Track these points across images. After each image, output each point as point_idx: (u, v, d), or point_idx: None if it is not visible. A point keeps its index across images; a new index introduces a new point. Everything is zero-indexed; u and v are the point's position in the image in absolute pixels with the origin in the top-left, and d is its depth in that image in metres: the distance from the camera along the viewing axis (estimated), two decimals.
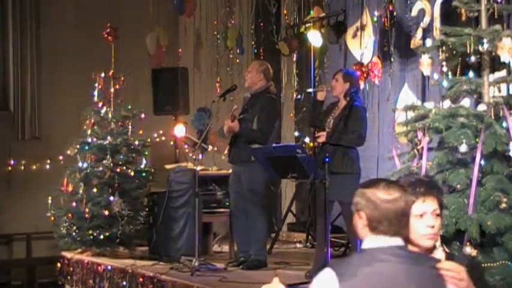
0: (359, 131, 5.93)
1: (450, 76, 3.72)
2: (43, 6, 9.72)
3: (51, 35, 9.68)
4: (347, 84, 6.07)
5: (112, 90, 7.89)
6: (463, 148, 3.40)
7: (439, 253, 2.83)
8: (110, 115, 7.76)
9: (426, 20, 7.01)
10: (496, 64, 3.68)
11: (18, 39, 9.56)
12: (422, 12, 7.10)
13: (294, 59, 9.00)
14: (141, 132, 7.97)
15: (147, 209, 7.57)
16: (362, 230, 2.53)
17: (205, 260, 6.44)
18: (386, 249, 2.47)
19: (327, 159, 5.31)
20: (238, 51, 9.62)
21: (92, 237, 7.31)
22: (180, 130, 7.32)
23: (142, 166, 7.71)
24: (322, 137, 5.94)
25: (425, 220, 2.73)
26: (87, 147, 7.60)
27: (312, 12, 8.47)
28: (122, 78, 7.89)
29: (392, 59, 7.46)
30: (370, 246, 2.49)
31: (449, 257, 2.85)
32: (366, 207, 2.50)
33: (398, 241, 2.49)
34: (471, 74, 3.65)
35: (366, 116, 6.11)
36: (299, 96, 9.01)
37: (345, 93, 6.02)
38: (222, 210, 7.38)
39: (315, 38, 7.32)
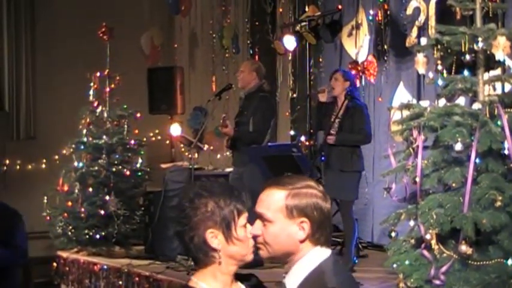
0: (365, 130, 6.16)
1: (445, 75, 3.73)
2: (38, 6, 9.70)
3: (46, 34, 9.67)
4: (347, 83, 6.25)
5: (107, 89, 7.88)
6: (458, 146, 3.40)
7: None
8: (105, 114, 7.76)
9: (421, 18, 7.03)
10: (490, 63, 3.68)
11: (13, 39, 9.55)
12: (417, 10, 7.11)
13: (290, 58, 8.99)
14: (136, 131, 7.96)
15: (143, 209, 7.57)
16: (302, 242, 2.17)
17: None
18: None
19: (323, 158, 5.33)
20: (233, 50, 9.62)
21: (87, 236, 7.30)
22: (175, 129, 7.32)
23: (138, 165, 7.72)
24: (330, 139, 6.08)
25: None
26: (82, 147, 7.59)
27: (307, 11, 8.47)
28: (118, 78, 7.88)
29: (385, 58, 7.48)
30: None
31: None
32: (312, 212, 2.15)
33: None
34: (466, 72, 3.65)
35: (367, 113, 6.31)
36: (295, 95, 9.01)
37: (346, 92, 6.18)
38: None
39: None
